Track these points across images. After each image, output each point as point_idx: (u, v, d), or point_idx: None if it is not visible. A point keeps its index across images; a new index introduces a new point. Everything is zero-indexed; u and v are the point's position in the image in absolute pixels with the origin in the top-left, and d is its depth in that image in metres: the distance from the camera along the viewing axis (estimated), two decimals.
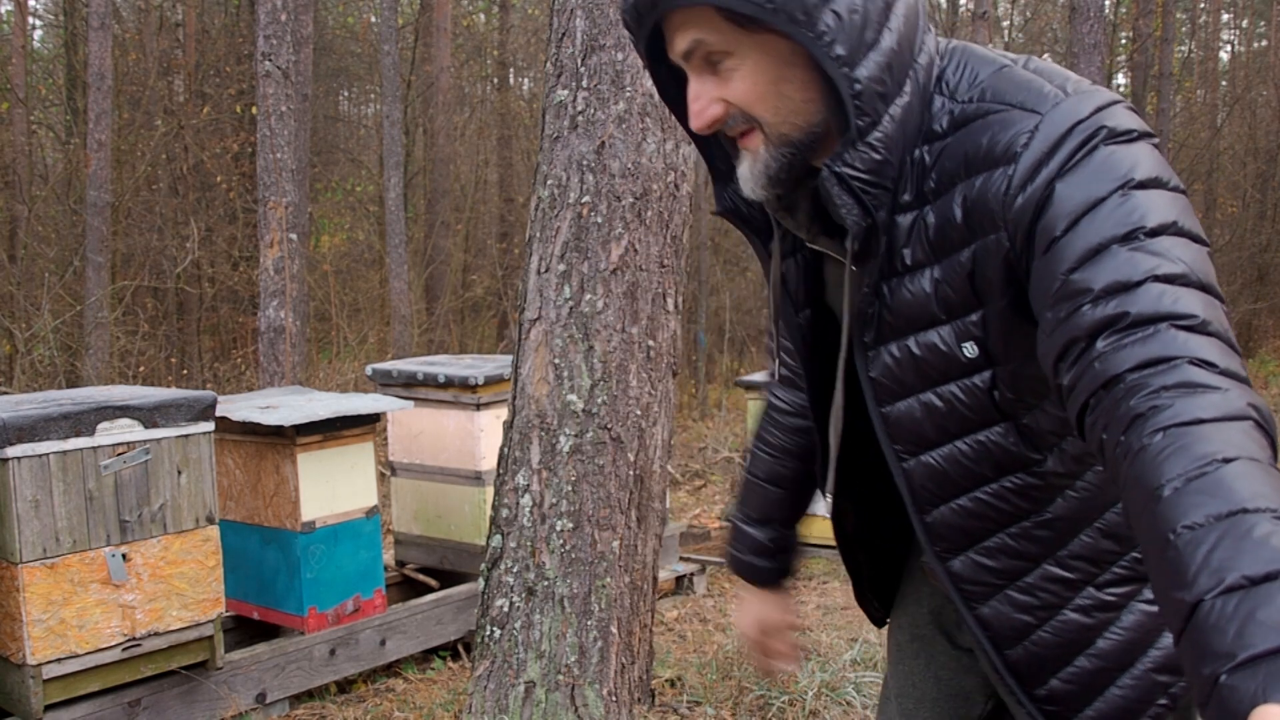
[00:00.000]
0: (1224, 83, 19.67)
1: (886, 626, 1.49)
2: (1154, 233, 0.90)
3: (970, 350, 1.06)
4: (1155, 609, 1.15)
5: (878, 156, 1.01)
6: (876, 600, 1.46)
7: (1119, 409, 0.84)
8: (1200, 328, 0.85)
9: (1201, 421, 0.78)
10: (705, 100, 1.03)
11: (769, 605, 1.54)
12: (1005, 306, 1.02)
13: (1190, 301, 0.86)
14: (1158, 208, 0.92)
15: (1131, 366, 0.85)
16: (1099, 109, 0.97)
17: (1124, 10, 16.05)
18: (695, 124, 1.04)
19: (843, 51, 0.96)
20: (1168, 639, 1.15)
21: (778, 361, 1.44)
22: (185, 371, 10.06)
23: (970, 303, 1.05)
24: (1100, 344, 0.88)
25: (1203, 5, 19.82)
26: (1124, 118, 0.97)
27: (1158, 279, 0.88)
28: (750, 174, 1.06)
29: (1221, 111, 17.50)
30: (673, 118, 2.98)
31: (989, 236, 1.00)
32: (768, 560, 1.52)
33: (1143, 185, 0.93)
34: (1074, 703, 1.16)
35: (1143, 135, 0.96)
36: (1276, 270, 15.96)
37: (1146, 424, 0.80)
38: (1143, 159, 0.94)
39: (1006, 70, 1.04)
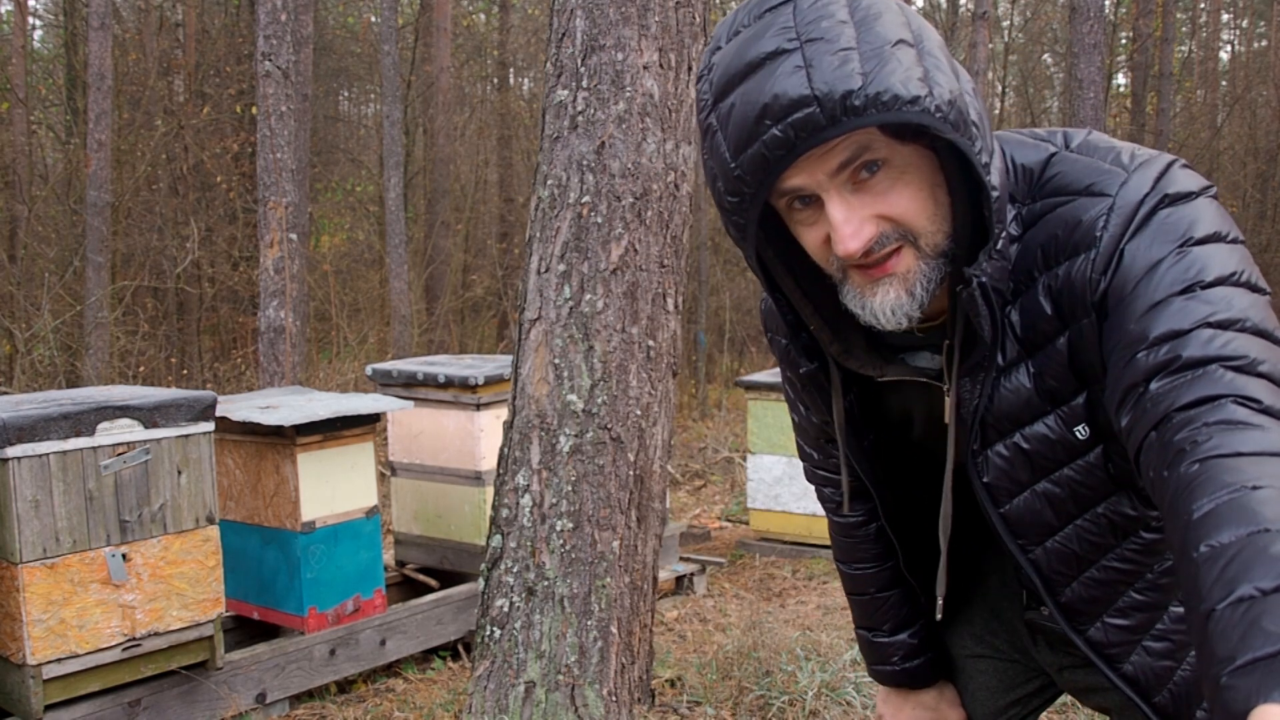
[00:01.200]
0: (1224, 83, 19.67)
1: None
2: (1211, 285, 0.94)
3: (1083, 432, 1.08)
4: None
5: (1005, 264, 1.04)
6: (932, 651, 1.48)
7: (1167, 446, 0.87)
8: (1249, 368, 0.88)
9: (1239, 455, 0.80)
10: (859, 220, 0.97)
11: (938, 705, 1.47)
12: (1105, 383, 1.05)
13: (1242, 344, 0.90)
14: (1215, 261, 0.96)
15: (1180, 405, 0.88)
16: (1159, 177, 1.01)
17: (1124, 10, 16.05)
18: (852, 245, 0.97)
19: (986, 159, 0.98)
20: None
21: (829, 486, 1.46)
22: (185, 371, 10.06)
23: (1073, 387, 1.06)
24: (1154, 386, 0.91)
25: (1203, 5, 19.82)
26: (1182, 179, 1.01)
27: (1209, 325, 0.92)
28: (898, 300, 1.01)
29: (1221, 111, 17.50)
30: (674, 118, 2.99)
31: (1081, 321, 1.02)
32: (919, 660, 1.46)
33: (1201, 242, 0.97)
34: None
35: (1201, 192, 1.01)
36: (1277, 270, 15.96)
37: (1186, 457, 0.83)
38: (1201, 216, 0.99)
39: (1057, 159, 1.06)
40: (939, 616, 1.26)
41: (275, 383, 6.48)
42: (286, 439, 3.57)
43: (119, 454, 3.09)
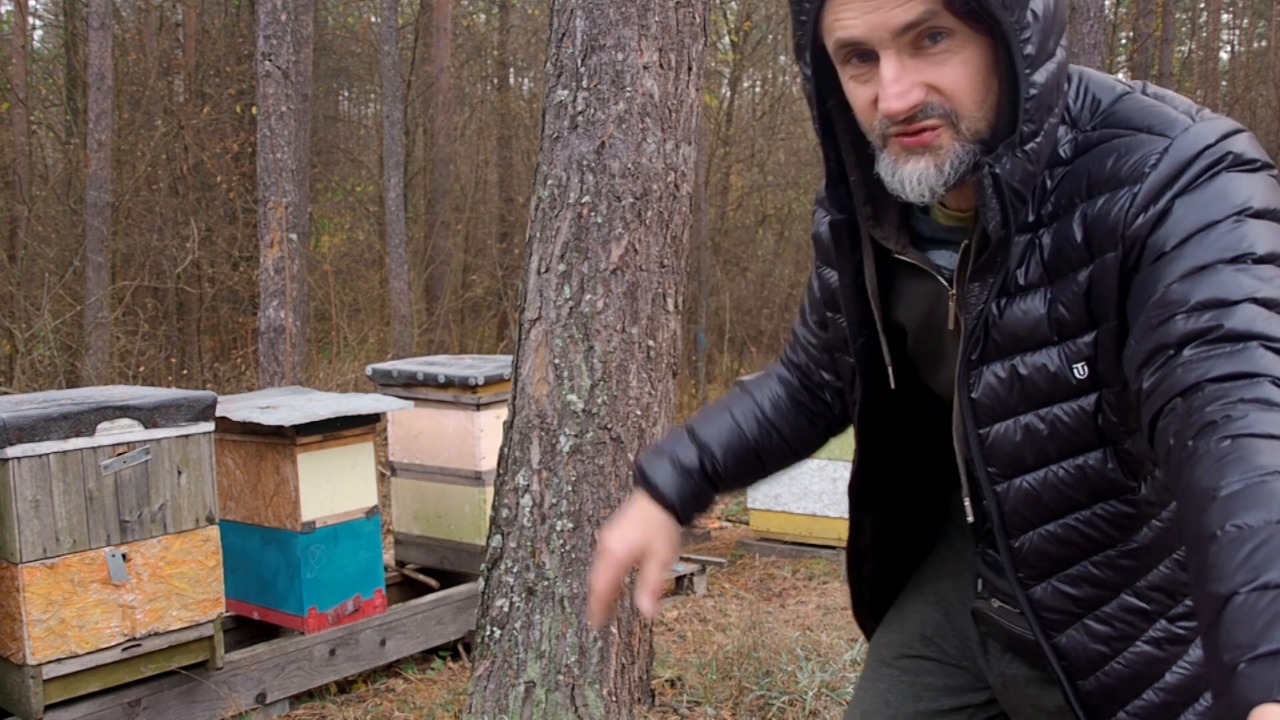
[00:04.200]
0: (1224, 83, 19.67)
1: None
2: (1262, 260, 0.92)
3: (1081, 371, 1.06)
4: None
5: (1030, 168, 1.01)
6: (872, 617, 1.44)
7: (1194, 416, 0.85)
8: None
9: (1272, 437, 0.79)
10: (908, 83, 0.98)
11: (652, 529, 1.31)
12: (1118, 325, 1.02)
13: None
14: (1268, 238, 0.93)
15: (1214, 377, 0.85)
16: (1226, 135, 0.98)
17: (1124, 10, 16.05)
18: (896, 105, 0.98)
19: (1032, 51, 0.97)
20: None
21: (794, 351, 1.42)
22: (185, 371, 10.06)
23: (1084, 323, 1.04)
24: (1187, 352, 0.89)
25: (1203, 5, 19.82)
26: (1248, 145, 0.99)
27: (1256, 301, 0.89)
28: (925, 172, 1.01)
29: (1221, 111, 17.48)
30: (674, 118, 2.99)
31: (1107, 255, 1.00)
32: (681, 479, 1.32)
33: (1259, 215, 0.94)
34: None
35: (1265, 166, 0.98)
36: None
37: (1216, 431, 0.81)
38: (1261, 189, 0.96)
39: (1129, 97, 1.05)
40: (970, 518, 1.22)
41: (275, 383, 6.48)
42: (286, 439, 3.57)
43: (119, 454, 3.09)
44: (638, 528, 1.30)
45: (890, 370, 1.22)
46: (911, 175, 1.01)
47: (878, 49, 0.98)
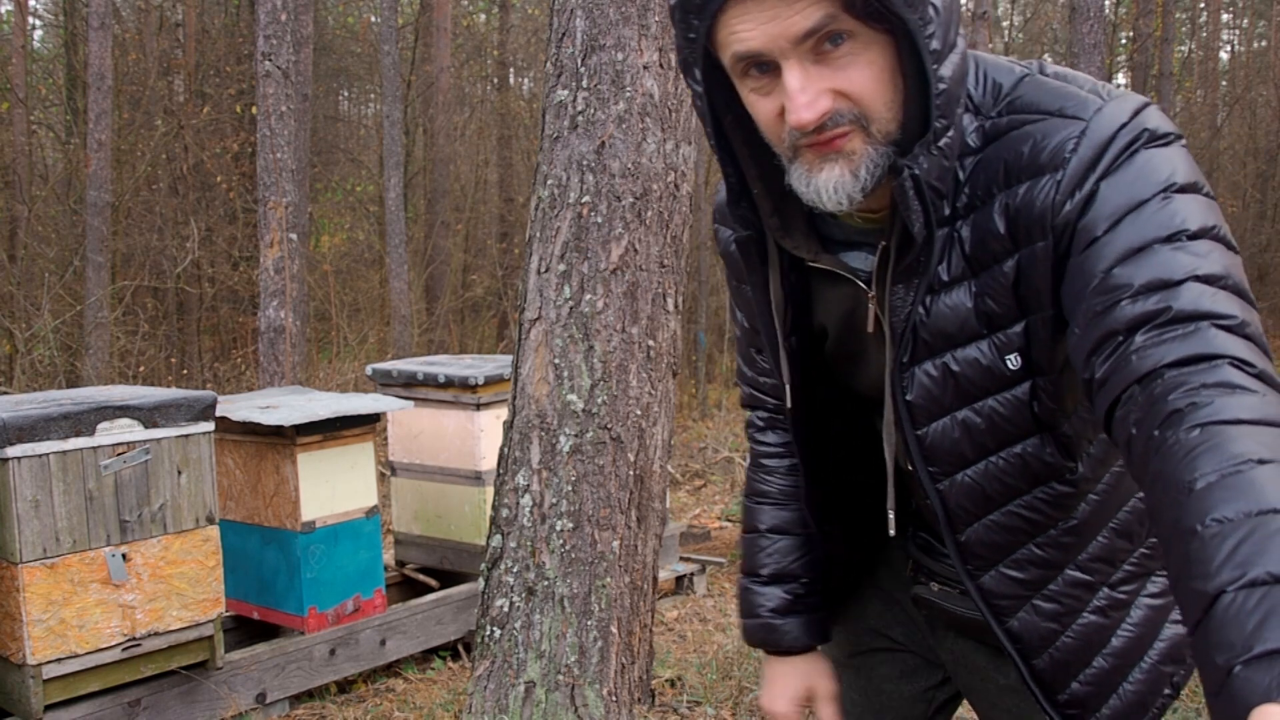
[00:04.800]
0: (1224, 83, 19.67)
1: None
2: (1195, 236, 0.91)
3: (1014, 362, 1.05)
4: (1159, 603, 1.20)
5: (945, 163, 0.99)
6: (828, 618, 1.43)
7: (1157, 404, 0.83)
8: (1238, 329, 0.86)
9: (1240, 422, 0.78)
10: (815, 91, 0.94)
11: (805, 675, 1.37)
12: (1052, 315, 1.01)
13: (1229, 303, 0.88)
14: (1197, 212, 0.93)
15: (1171, 362, 0.85)
16: (1138, 111, 0.98)
17: (1124, 10, 16.05)
18: (805, 115, 0.94)
19: (937, 45, 0.95)
20: (1170, 630, 1.20)
21: (759, 409, 1.41)
22: (185, 371, 10.05)
23: (1013, 314, 1.03)
24: (1139, 338, 0.88)
25: (1202, 5, 19.82)
26: (1160, 120, 0.98)
27: (1198, 279, 0.88)
28: (841, 179, 0.98)
29: (1221, 111, 17.50)
30: (674, 118, 2.99)
31: (1035, 244, 0.99)
32: (793, 619, 1.35)
33: (1184, 189, 0.94)
34: (1092, 702, 1.18)
35: (1177, 137, 0.98)
36: (1276, 270, 15.97)
37: (1185, 420, 0.80)
38: (1181, 163, 0.96)
39: (1030, 79, 1.03)
40: (892, 531, 1.20)
41: (275, 383, 6.48)
42: (286, 439, 3.57)
43: (119, 454, 3.09)
44: (790, 680, 1.37)
45: (788, 390, 1.19)
46: (827, 184, 0.98)
47: (779, 59, 0.95)
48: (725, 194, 1.14)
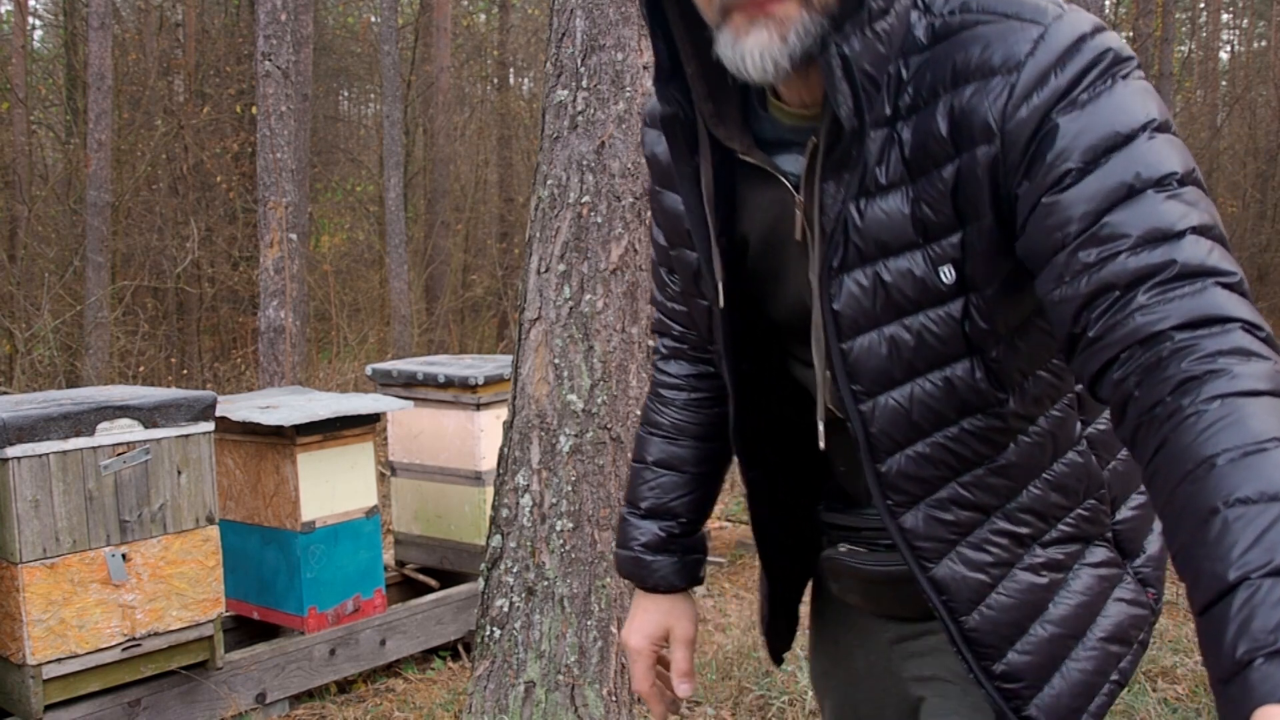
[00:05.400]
0: (1224, 83, 19.67)
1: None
2: (1183, 181, 0.86)
3: (948, 275, 0.98)
4: (1103, 572, 1.13)
5: (881, 49, 0.94)
6: (785, 619, 1.32)
7: (1166, 369, 0.79)
8: (1239, 287, 0.82)
9: (1259, 393, 0.74)
10: None
11: (666, 615, 1.30)
12: (990, 224, 0.95)
13: (1225, 258, 0.84)
14: (1179, 154, 0.88)
15: (1180, 324, 0.80)
16: (1098, 29, 0.92)
17: (1124, 10, 16.06)
18: None
19: None
20: (1115, 606, 1.13)
21: (665, 336, 1.35)
22: (185, 371, 10.05)
23: (950, 223, 0.96)
24: (1141, 296, 0.83)
25: (1202, 5, 19.82)
26: (1120, 43, 0.93)
27: (1196, 230, 0.84)
28: (769, 44, 0.92)
29: (1221, 111, 17.51)
30: None
31: (978, 149, 0.93)
32: (664, 558, 1.30)
33: (1161, 128, 0.89)
34: (1031, 676, 1.09)
35: (1138, 65, 0.93)
36: (1276, 270, 15.96)
37: (1202, 389, 0.76)
38: (1154, 98, 0.91)
39: None
40: (822, 444, 1.11)
41: (275, 383, 6.48)
42: (286, 439, 3.57)
43: (119, 454, 3.09)
44: (651, 617, 1.30)
45: (720, 288, 1.10)
46: (754, 49, 0.92)
47: None
48: (655, 83, 1.07)
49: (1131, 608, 1.14)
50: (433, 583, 4.29)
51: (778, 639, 1.34)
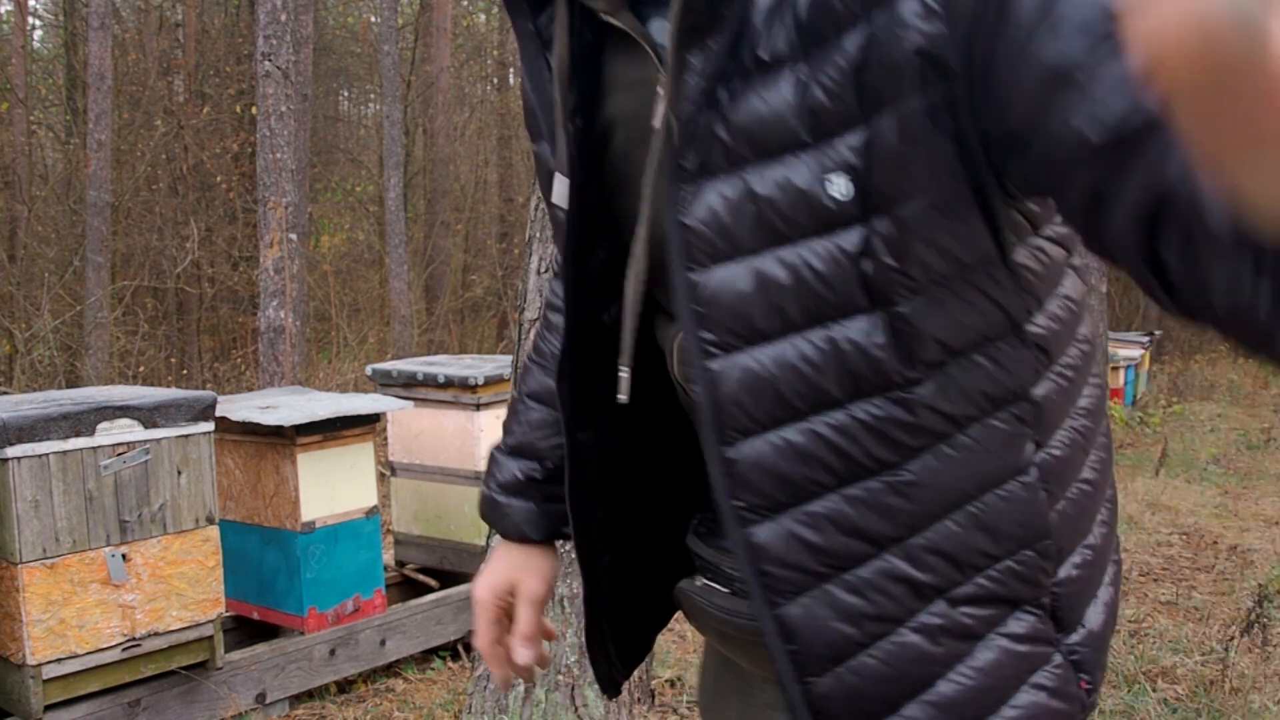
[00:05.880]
0: None
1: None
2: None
3: (841, 189, 0.73)
4: (1022, 649, 0.83)
5: None
6: (614, 643, 1.08)
7: None
8: None
9: None
10: None
11: (516, 568, 1.08)
12: (917, 113, 0.71)
13: None
14: None
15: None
16: None
17: None
18: None
19: None
20: (1029, 697, 0.82)
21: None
22: (185, 371, 10.06)
23: (851, 115, 0.72)
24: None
25: None
26: None
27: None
28: None
29: None
30: None
31: (900, 6, 0.70)
32: (520, 502, 1.08)
33: None
34: None
35: None
36: None
37: None
38: None
39: None
40: (623, 396, 0.87)
41: (275, 383, 6.49)
42: (286, 439, 3.57)
43: (119, 454, 3.09)
44: (500, 567, 1.08)
45: (565, 188, 0.87)
46: None
47: None
48: None
49: (1052, 700, 0.83)
50: (432, 583, 4.29)
51: (606, 663, 1.08)
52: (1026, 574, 0.82)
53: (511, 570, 1.08)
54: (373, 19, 15.05)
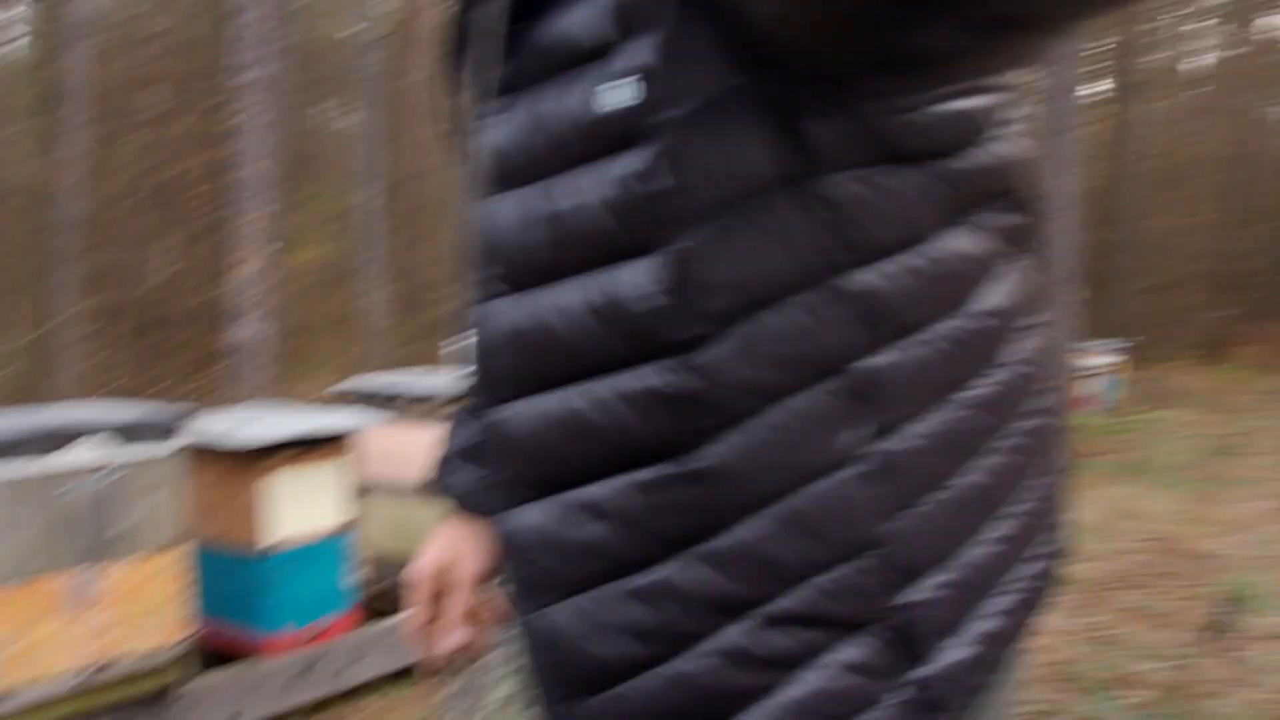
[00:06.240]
0: (1199, 90, 19.86)
1: None
2: None
3: (620, 96, 0.62)
4: (853, 681, 0.67)
5: None
6: None
7: None
8: None
9: None
10: None
11: (456, 544, 0.95)
12: None
13: None
14: None
15: None
16: None
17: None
18: None
19: None
20: None
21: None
22: (157, 387, 9.99)
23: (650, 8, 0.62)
24: None
25: (1183, 12, 20.02)
26: None
27: None
28: None
29: (1192, 119, 17.67)
30: None
31: None
32: (471, 466, 0.93)
33: None
34: None
35: None
36: (1250, 276, 16.10)
37: None
38: None
39: None
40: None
41: (247, 398, 6.45)
42: (254, 458, 3.54)
43: (87, 474, 3.05)
44: (440, 543, 0.96)
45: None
46: None
47: None
48: None
49: None
50: (405, 601, 4.27)
51: None
52: (862, 585, 0.67)
53: (452, 547, 0.95)
54: (352, 31, 15.03)
